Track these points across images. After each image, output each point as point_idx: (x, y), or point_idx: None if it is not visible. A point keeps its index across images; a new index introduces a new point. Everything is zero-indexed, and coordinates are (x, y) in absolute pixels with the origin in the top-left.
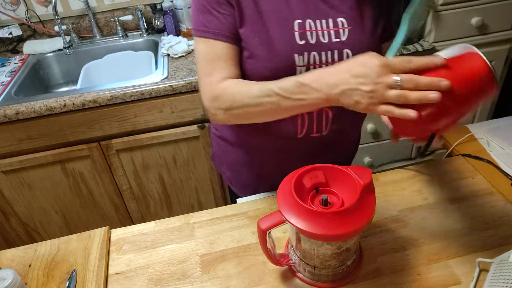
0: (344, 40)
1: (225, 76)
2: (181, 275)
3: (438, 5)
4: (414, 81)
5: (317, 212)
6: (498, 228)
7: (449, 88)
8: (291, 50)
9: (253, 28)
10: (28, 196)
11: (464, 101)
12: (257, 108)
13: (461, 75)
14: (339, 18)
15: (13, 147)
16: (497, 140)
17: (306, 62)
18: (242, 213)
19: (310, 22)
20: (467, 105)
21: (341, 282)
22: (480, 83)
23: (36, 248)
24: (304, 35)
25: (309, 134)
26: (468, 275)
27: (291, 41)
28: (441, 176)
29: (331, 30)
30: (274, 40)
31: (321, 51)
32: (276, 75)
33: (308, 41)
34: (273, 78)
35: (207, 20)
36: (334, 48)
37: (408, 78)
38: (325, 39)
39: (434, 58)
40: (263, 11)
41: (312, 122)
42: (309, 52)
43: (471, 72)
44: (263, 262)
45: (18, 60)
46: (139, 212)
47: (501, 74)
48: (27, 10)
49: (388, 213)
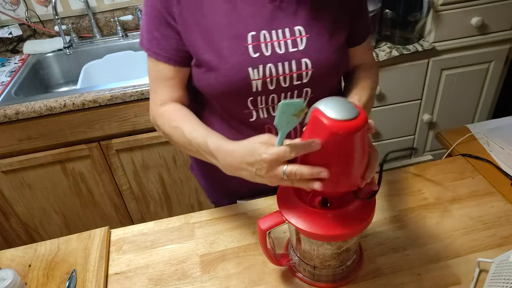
0: (302, 49)
1: (166, 98)
2: (181, 275)
3: (438, 5)
4: (298, 174)
5: (317, 212)
6: (498, 228)
7: (326, 173)
8: (244, 64)
9: (202, 46)
10: (28, 196)
11: (347, 161)
12: (186, 149)
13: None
14: (296, 26)
15: (13, 147)
16: (497, 140)
17: (261, 75)
18: (242, 213)
19: (265, 33)
20: (351, 161)
21: (341, 282)
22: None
23: (36, 248)
24: (258, 47)
25: None
26: (468, 275)
27: (244, 55)
28: (441, 176)
29: (288, 39)
30: (226, 56)
31: (278, 62)
32: (232, 90)
33: (263, 53)
34: (230, 93)
35: (150, 39)
36: (291, 59)
37: (292, 172)
38: (282, 50)
39: (312, 143)
40: (211, 27)
41: None
42: (265, 65)
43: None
44: (263, 262)
45: (18, 60)
46: (139, 212)
47: (501, 74)
48: (27, 10)
49: (388, 213)
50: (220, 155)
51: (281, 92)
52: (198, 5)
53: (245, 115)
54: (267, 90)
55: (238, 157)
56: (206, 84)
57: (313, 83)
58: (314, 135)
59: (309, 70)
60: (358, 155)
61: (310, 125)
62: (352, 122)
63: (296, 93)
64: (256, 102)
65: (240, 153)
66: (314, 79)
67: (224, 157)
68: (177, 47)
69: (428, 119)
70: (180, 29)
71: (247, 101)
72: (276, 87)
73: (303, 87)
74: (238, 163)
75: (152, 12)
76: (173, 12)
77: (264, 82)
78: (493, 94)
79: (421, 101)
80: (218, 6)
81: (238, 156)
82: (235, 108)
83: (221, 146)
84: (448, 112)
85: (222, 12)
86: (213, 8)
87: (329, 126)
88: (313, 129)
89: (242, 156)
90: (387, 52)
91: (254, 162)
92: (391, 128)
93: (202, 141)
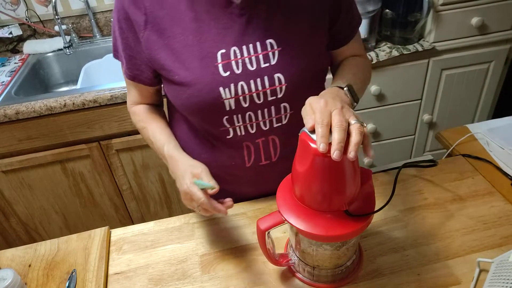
0: (274, 64)
1: (136, 101)
2: (181, 275)
3: (438, 5)
4: (208, 212)
5: (316, 213)
6: (498, 228)
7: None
8: (215, 84)
9: (173, 68)
10: (28, 196)
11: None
12: (152, 149)
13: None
14: (268, 39)
15: (13, 147)
16: (497, 140)
17: (233, 94)
18: (242, 213)
19: (235, 49)
20: (341, 181)
21: (341, 283)
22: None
23: (36, 248)
24: (229, 65)
25: (258, 163)
26: (468, 275)
27: (214, 75)
28: (441, 176)
29: (259, 54)
30: (197, 76)
31: (249, 79)
32: (205, 109)
33: (233, 72)
34: (204, 112)
35: (119, 57)
36: (263, 74)
37: (202, 208)
38: (253, 66)
39: (221, 210)
40: (180, 48)
41: (259, 151)
42: (236, 83)
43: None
44: (263, 262)
45: (18, 60)
46: (139, 212)
47: (501, 74)
48: (27, 10)
49: (388, 213)
50: (170, 162)
51: (257, 109)
52: (165, 28)
53: (222, 132)
54: (241, 108)
55: (179, 170)
56: (180, 103)
57: (289, 98)
58: (303, 157)
59: (283, 85)
60: (347, 175)
61: (299, 147)
62: None
63: (273, 109)
64: (232, 120)
65: (181, 168)
66: (289, 94)
67: (172, 165)
68: (144, 69)
69: (428, 119)
70: (149, 53)
71: (222, 120)
72: (250, 105)
73: (280, 103)
74: (177, 175)
75: (121, 35)
76: (140, 37)
77: (237, 100)
78: (493, 94)
79: (421, 101)
80: (186, 26)
81: (179, 169)
82: (211, 126)
83: (173, 155)
84: (448, 112)
85: (190, 31)
86: (180, 29)
87: (315, 149)
88: (302, 152)
89: (181, 172)
90: (387, 52)
91: (179, 183)
92: (391, 128)
93: (161, 146)
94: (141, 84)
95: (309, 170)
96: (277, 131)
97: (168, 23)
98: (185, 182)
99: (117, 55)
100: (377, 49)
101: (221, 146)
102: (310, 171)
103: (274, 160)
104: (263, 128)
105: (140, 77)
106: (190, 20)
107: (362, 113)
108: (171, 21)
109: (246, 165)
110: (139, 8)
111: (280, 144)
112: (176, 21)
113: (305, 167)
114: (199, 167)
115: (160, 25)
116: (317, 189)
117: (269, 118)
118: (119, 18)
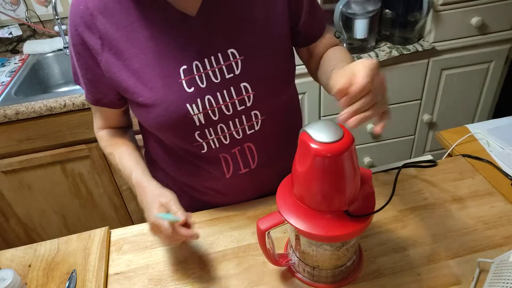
0: (239, 74)
1: (102, 126)
2: (181, 275)
3: (438, 5)
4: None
5: (316, 213)
6: (498, 228)
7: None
8: (181, 101)
9: (136, 89)
10: (28, 196)
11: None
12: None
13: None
14: (229, 49)
15: (12, 147)
16: (497, 140)
17: (202, 109)
18: (242, 214)
19: (197, 63)
20: (341, 180)
21: (341, 283)
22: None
23: (36, 248)
24: (193, 81)
25: (238, 172)
26: (468, 275)
27: (179, 92)
28: (441, 176)
29: (222, 65)
30: (161, 95)
31: (216, 92)
32: (175, 127)
33: (198, 86)
34: (173, 130)
35: (79, 81)
36: (229, 85)
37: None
38: (218, 78)
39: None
40: (141, 68)
41: (237, 160)
42: (203, 98)
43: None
44: (263, 263)
45: (18, 60)
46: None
47: (501, 74)
48: (27, 10)
49: (388, 213)
50: (138, 191)
51: (228, 120)
52: (123, 50)
53: (196, 147)
54: (212, 121)
55: (146, 200)
56: (148, 124)
57: (258, 105)
58: (303, 157)
59: (250, 93)
60: (347, 174)
61: (299, 147)
62: (337, 144)
63: (244, 118)
64: (204, 134)
65: (148, 198)
66: (258, 101)
67: (139, 194)
68: (107, 92)
69: (428, 119)
70: (110, 76)
71: (194, 135)
72: (220, 117)
73: (250, 111)
74: (145, 206)
75: (78, 60)
76: (99, 60)
77: (206, 114)
78: (493, 94)
79: (421, 101)
80: (143, 45)
81: (147, 199)
82: (184, 142)
83: (140, 183)
84: (448, 112)
85: (149, 50)
86: (138, 49)
87: (315, 149)
88: (302, 152)
89: (148, 202)
90: (387, 52)
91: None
92: (391, 128)
93: (129, 174)
94: (105, 107)
95: (309, 170)
96: (251, 138)
97: (125, 45)
98: (152, 213)
99: (77, 80)
100: (376, 49)
101: (198, 162)
102: (310, 171)
103: (253, 167)
104: (237, 137)
105: (103, 101)
106: (147, 39)
107: None
108: (127, 42)
109: (227, 176)
110: (93, 33)
111: (256, 150)
112: (132, 41)
113: (305, 167)
114: (167, 196)
115: (117, 47)
116: (317, 189)
117: (241, 126)
118: (74, 43)
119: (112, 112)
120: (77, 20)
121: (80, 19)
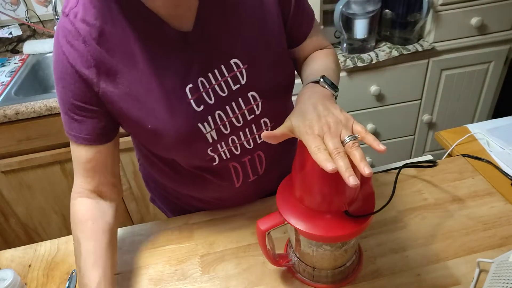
0: (245, 83)
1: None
2: (181, 275)
3: (438, 5)
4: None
5: (316, 213)
6: (498, 228)
7: None
8: (192, 122)
9: (140, 117)
10: (28, 196)
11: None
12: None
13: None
14: (232, 59)
15: (12, 147)
16: (497, 140)
17: (213, 126)
18: (242, 214)
19: (202, 80)
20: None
21: (340, 283)
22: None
23: (36, 248)
24: (201, 99)
25: (247, 180)
26: (468, 276)
27: (189, 113)
28: (441, 176)
29: (227, 77)
30: (169, 119)
31: (225, 106)
32: (187, 147)
33: (207, 103)
34: (186, 150)
35: (68, 123)
36: (237, 97)
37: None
38: (225, 92)
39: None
40: (142, 94)
41: (247, 169)
42: (213, 114)
43: None
44: (262, 263)
45: (18, 60)
46: (139, 212)
47: (501, 74)
48: (27, 10)
49: (388, 214)
50: None
51: (238, 131)
52: (121, 77)
53: (207, 161)
54: (223, 135)
55: None
56: (158, 148)
57: (267, 112)
58: (303, 158)
59: (259, 102)
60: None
61: (300, 147)
62: None
63: (254, 127)
64: (216, 148)
65: None
66: (266, 108)
67: None
68: (101, 124)
69: (428, 119)
70: (111, 107)
71: (206, 151)
72: (231, 130)
73: (259, 119)
74: None
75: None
76: (96, 92)
77: (217, 130)
78: (493, 94)
79: (420, 101)
80: (143, 69)
81: None
82: (195, 160)
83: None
84: (448, 112)
85: (150, 74)
86: (138, 74)
87: None
88: (302, 152)
89: None
90: (387, 52)
91: None
92: (391, 128)
93: (86, 282)
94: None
95: (309, 170)
96: (261, 146)
97: (123, 71)
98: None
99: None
100: (376, 49)
101: (207, 174)
102: (310, 171)
103: (261, 174)
104: (248, 147)
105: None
106: (146, 61)
107: (362, 113)
108: (125, 67)
109: (236, 185)
110: (87, 61)
111: (265, 157)
112: (131, 66)
113: (305, 167)
114: None
115: (115, 74)
116: (317, 190)
117: (251, 136)
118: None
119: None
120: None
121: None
